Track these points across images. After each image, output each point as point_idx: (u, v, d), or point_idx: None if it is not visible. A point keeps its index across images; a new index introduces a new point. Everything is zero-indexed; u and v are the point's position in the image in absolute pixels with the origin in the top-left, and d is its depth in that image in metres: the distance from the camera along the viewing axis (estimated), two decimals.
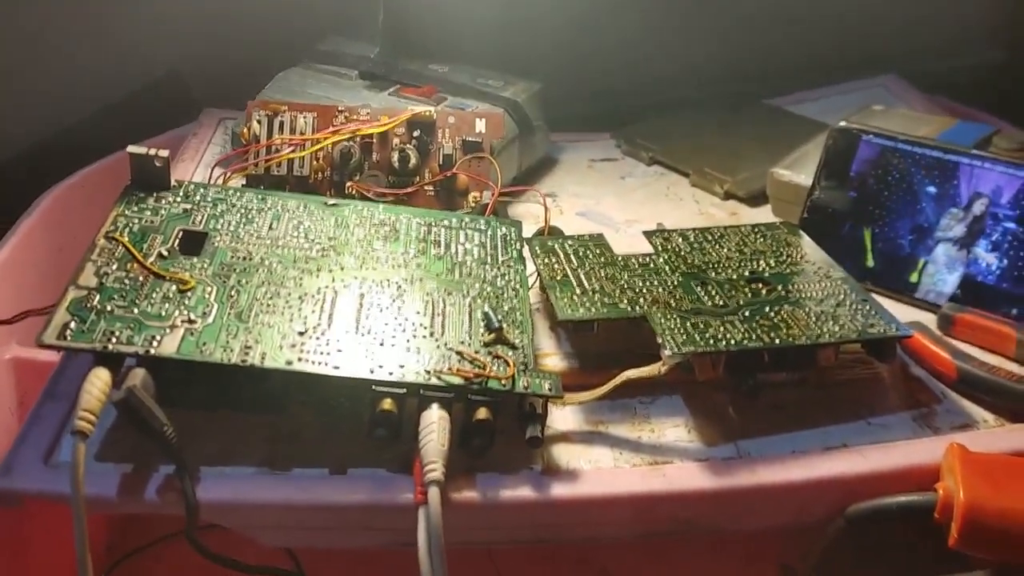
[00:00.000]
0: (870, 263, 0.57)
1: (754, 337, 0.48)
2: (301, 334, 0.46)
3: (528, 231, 0.61)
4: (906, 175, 0.57)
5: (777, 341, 0.47)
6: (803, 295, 0.52)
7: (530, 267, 0.55)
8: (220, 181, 0.61)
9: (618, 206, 0.71)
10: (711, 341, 0.47)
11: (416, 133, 0.64)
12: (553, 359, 0.53)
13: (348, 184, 0.63)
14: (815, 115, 0.83)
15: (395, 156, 0.64)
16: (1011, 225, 0.54)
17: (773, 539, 0.60)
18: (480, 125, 0.66)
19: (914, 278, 0.56)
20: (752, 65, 0.91)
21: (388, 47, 0.76)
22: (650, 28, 0.90)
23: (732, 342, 0.47)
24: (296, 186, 0.63)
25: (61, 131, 0.85)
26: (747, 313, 0.50)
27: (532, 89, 0.76)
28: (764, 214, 0.68)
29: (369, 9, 0.77)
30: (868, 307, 0.51)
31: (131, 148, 0.53)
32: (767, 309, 0.50)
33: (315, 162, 0.64)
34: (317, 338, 0.46)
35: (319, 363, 0.44)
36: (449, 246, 0.55)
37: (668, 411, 0.50)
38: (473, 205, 0.64)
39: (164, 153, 0.53)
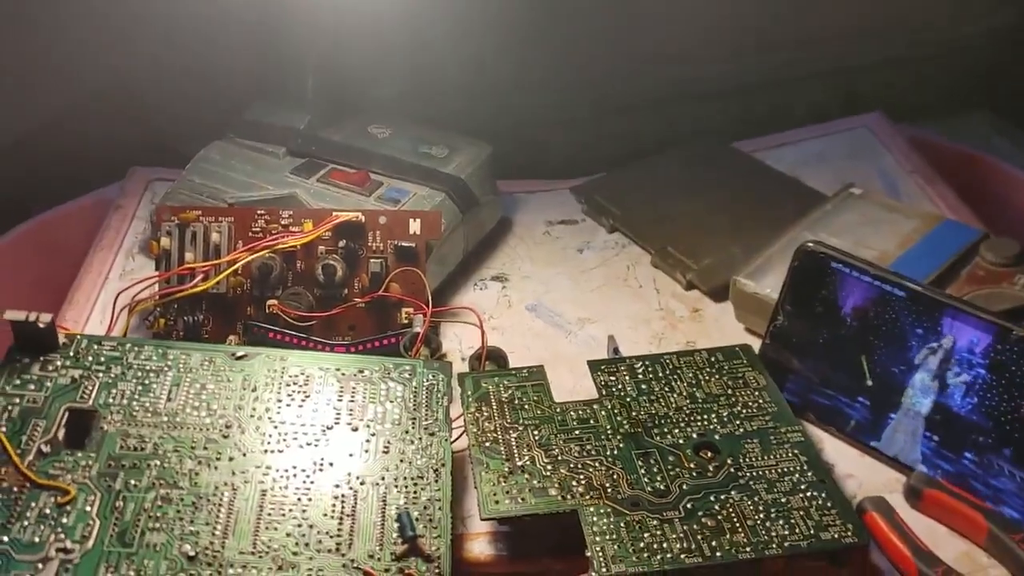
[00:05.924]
0: (868, 382, 0.53)
1: (694, 547, 0.43)
2: (191, 559, 0.41)
3: (467, 344, 0.57)
4: (889, 311, 0.51)
5: (719, 554, 0.43)
6: (754, 472, 0.47)
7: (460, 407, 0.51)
8: (125, 315, 0.56)
9: (571, 295, 0.66)
10: (645, 555, 0.43)
11: (342, 244, 0.59)
12: (480, 542, 0.48)
13: (269, 303, 0.58)
14: (791, 165, 0.76)
15: (319, 268, 0.58)
16: (982, 371, 0.49)
17: None
18: (415, 226, 0.60)
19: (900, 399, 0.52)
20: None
21: (319, 114, 0.69)
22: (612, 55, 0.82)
23: (668, 556, 0.43)
24: (212, 305, 0.58)
25: None
26: (689, 506, 0.45)
27: (480, 157, 0.69)
28: (728, 313, 0.63)
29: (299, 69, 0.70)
30: (824, 496, 0.46)
31: (9, 314, 0.48)
32: (712, 499, 0.46)
33: (232, 277, 0.58)
34: (208, 563, 0.41)
35: None
36: (365, 411, 0.50)
37: None
38: (407, 320, 0.59)
39: (47, 316, 0.48)
